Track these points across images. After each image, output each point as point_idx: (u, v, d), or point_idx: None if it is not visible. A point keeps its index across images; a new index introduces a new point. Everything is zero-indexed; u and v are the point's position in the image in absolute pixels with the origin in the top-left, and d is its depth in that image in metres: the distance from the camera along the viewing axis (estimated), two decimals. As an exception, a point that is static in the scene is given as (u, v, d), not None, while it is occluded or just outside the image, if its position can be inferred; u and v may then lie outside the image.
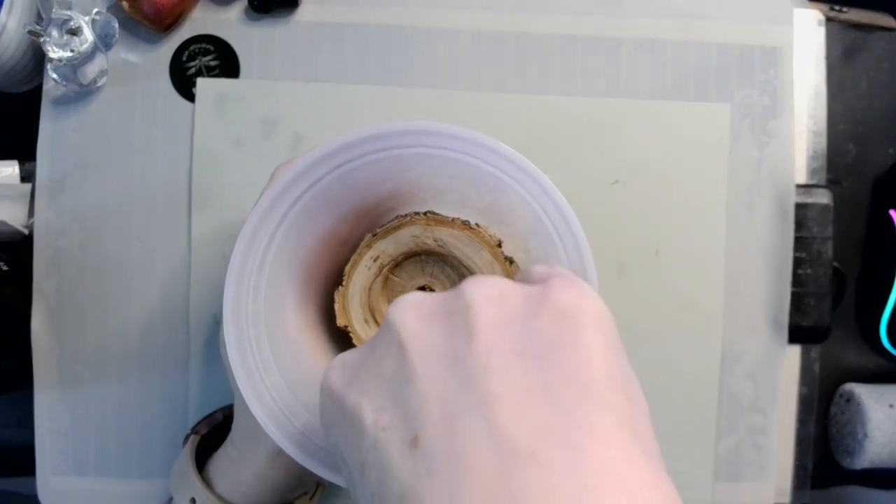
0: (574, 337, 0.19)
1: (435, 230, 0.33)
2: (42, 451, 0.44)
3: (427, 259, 0.35)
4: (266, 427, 0.28)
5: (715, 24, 0.45)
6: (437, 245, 0.33)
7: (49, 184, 0.44)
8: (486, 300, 0.20)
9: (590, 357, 0.19)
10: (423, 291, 0.22)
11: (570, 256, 0.29)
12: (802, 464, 0.46)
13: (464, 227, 0.32)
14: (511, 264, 0.33)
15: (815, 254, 0.45)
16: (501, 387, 0.18)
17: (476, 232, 0.33)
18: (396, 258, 0.34)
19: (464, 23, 0.45)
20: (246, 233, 0.28)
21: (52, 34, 0.41)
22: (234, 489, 0.34)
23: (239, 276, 0.29)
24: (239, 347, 0.29)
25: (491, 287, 0.20)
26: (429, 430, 0.18)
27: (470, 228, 0.33)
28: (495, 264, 0.33)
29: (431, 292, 0.22)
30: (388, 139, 0.28)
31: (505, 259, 0.33)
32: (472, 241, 0.33)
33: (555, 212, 0.28)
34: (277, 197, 0.28)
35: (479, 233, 0.33)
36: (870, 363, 0.49)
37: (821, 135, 0.47)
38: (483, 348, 0.19)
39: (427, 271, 0.35)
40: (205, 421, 0.39)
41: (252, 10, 0.45)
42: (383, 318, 0.35)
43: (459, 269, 0.34)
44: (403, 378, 0.19)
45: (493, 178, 0.29)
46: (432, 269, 0.35)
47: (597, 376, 0.18)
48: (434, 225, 0.33)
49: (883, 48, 0.49)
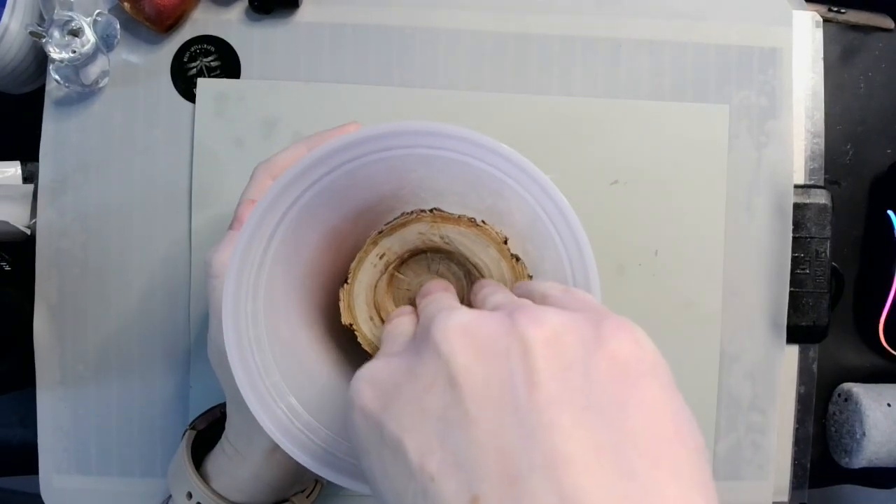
0: (637, 390, 0.18)
1: (441, 227, 0.33)
2: (44, 449, 0.45)
3: (433, 256, 0.35)
4: (263, 424, 0.28)
5: (714, 25, 0.45)
6: (443, 242, 0.33)
7: (51, 184, 0.44)
8: (545, 344, 0.19)
9: (655, 413, 0.18)
10: (469, 309, 0.21)
11: (572, 257, 0.29)
12: (801, 463, 0.46)
13: (470, 223, 0.33)
14: (517, 262, 0.33)
15: (813, 254, 0.45)
16: (570, 446, 0.16)
17: (482, 229, 0.33)
18: (402, 255, 0.34)
19: (464, 23, 0.45)
20: (245, 232, 0.28)
21: (54, 35, 0.41)
22: (230, 486, 0.34)
23: (238, 276, 0.28)
24: (238, 347, 0.28)
25: (546, 326, 0.19)
26: (489, 489, 0.16)
27: (476, 225, 0.33)
28: (502, 261, 0.33)
29: (477, 310, 0.21)
30: (389, 139, 0.28)
31: (511, 256, 0.33)
32: (479, 238, 0.33)
33: (556, 213, 0.28)
34: (277, 195, 0.28)
35: (486, 230, 0.33)
36: (868, 362, 0.49)
37: (819, 135, 0.47)
38: (546, 399, 0.17)
39: (433, 269, 0.35)
40: (203, 416, 0.39)
41: (253, 11, 0.45)
42: (388, 315, 0.35)
43: (466, 266, 0.34)
44: (455, 421, 0.18)
45: (495, 179, 0.29)
46: (438, 266, 0.35)
47: (665, 434, 0.17)
48: (440, 222, 0.33)
49: (881, 49, 0.49)
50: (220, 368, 0.33)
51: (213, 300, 0.32)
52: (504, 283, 0.34)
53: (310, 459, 0.28)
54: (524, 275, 0.33)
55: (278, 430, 0.28)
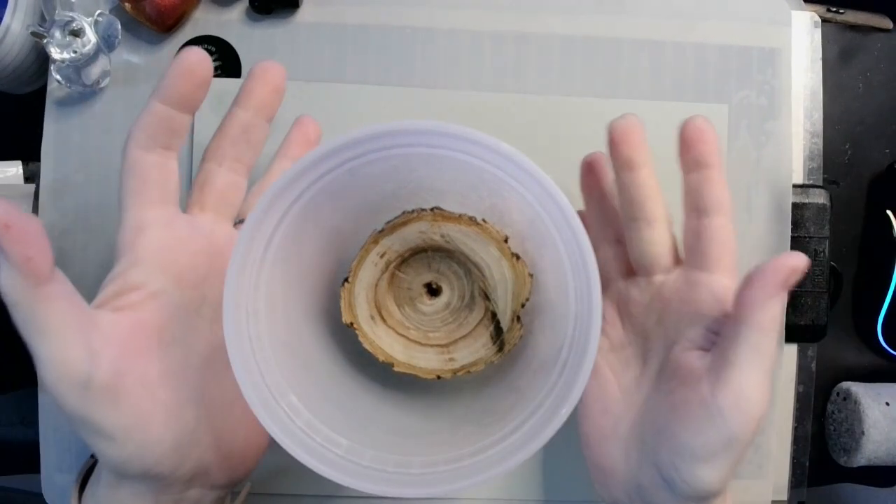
0: None
1: (442, 226, 0.33)
2: (46, 448, 0.45)
3: (434, 255, 0.35)
4: (264, 422, 0.28)
5: (713, 25, 0.45)
6: (444, 241, 0.33)
7: (52, 184, 0.44)
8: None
9: None
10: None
11: (572, 257, 0.29)
12: (800, 462, 0.47)
13: (471, 222, 0.33)
14: (518, 260, 0.33)
15: (811, 253, 0.46)
16: None
17: (483, 227, 0.33)
18: (403, 254, 0.34)
19: (464, 23, 0.45)
20: (246, 231, 0.28)
21: (55, 35, 0.41)
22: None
23: (239, 275, 0.28)
24: (238, 346, 0.28)
25: None
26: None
27: (477, 224, 0.33)
28: (502, 260, 0.33)
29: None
30: (389, 138, 0.28)
31: (512, 255, 0.33)
32: (480, 237, 0.33)
33: (557, 212, 0.28)
34: (278, 194, 0.28)
35: (487, 228, 0.33)
36: (866, 361, 0.49)
37: (818, 135, 0.47)
38: None
39: (434, 267, 0.35)
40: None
41: (253, 11, 0.45)
42: (389, 314, 0.35)
43: (466, 264, 0.34)
44: None
45: (495, 178, 0.29)
46: (439, 265, 0.35)
47: None
48: (441, 220, 0.33)
49: (879, 49, 0.49)
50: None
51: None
52: (504, 282, 0.34)
53: (310, 458, 0.28)
54: (524, 274, 0.33)
55: (280, 429, 0.28)
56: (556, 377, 0.29)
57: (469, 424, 0.32)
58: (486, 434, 0.30)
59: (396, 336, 0.35)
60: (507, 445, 0.29)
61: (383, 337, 0.35)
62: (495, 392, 0.34)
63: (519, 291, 0.33)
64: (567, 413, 0.28)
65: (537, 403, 0.29)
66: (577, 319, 0.29)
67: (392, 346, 0.35)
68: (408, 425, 0.34)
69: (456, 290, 0.35)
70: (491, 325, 0.35)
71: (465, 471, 0.28)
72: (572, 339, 0.29)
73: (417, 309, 0.35)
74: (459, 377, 0.35)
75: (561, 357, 0.30)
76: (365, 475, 0.28)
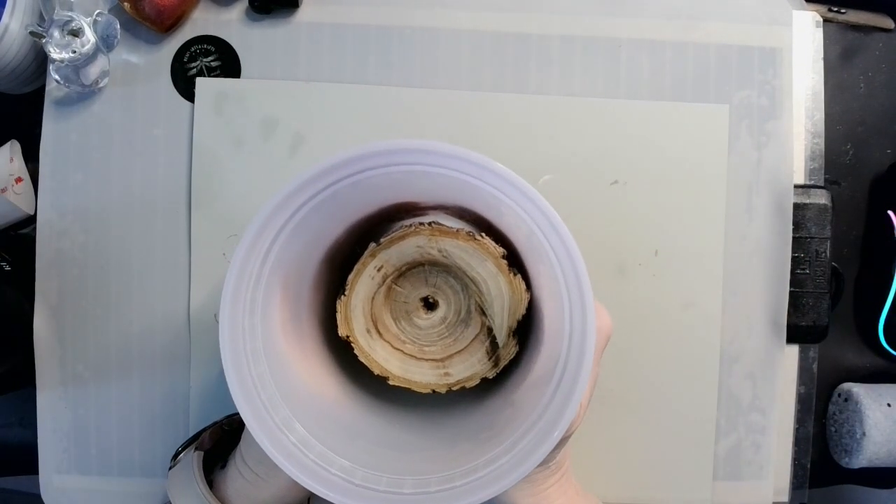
0: None
1: (440, 240, 0.33)
2: (44, 449, 0.45)
3: (431, 269, 0.35)
4: (256, 436, 0.28)
5: (714, 25, 0.45)
6: (441, 256, 0.33)
7: (51, 184, 0.44)
8: None
9: None
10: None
11: (566, 272, 0.29)
12: (801, 463, 0.46)
13: (468, 237, 0.32)
14: (515, 276, 0.33)
15: (813, 254, 0.45)
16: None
17: (480, 243, 0.33)
18: (400, 268, 0.34)
19: (464, 23, 0.45)
20: (242, 246, 0.28)
21: (54, 35, 0.41)
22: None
23: (235, 291, 0.28)
24: (236, 362, 0.28)
25: None
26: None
27: (474, 239, 0.32)
28: (499, 276, 0.33)
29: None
30: (387, 157, 0.28)
31: (509, 271, 0.33)
32: (477, 252, 0.33)
33: (549, 228, 0.28)
34: (274, 211, 0.28)
35: (484, 244, 0.33)
36: (868, 363, 0.49)
37: (819, 135, 0.47)
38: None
39: (430, 282, 0.35)
40: (207, 432, 0.39)
41: (253, 11, 0.45)
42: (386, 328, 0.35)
43: (463, 279, 0.34)
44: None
45: (493, 196, 0.29)
46: (436, 279, 0.35)
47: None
48: (439, 235, 0.33)
49: (881, 49, 0.49)
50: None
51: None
52: (501, 298, 0.34)
53: (299, 472, 0.28)
54: (521, 289, 0.33)
55: (273, 445, 0.28)
56: (553, 392, 0.29)
57: (465, 441, 0.32)
58: (482, 452, 0.30)
59: (392, 350, 0.35)
60: (500, 465, 0.29)
61: (379, 350, 0.35)
62: (491, 407, 0.34)
63: (515, 307, 0.33)
64: (559, 436, 0.28)
65: (534, 418, 0.29)
66: (571, 335, 0.29)
67: (387, 360, 0.35)
68: (403, 440, 0.34)
69: (452, 304, 0.35)
70: (487, 341, 0.35)
71: (458, 492, 0.28)
72: (567, 354, 0.29)
73: (413, 323, 0.35)
74: (454, 392, 0.35)
75: (556, 372, 0.30)
76: (357, 494, 0.28)
